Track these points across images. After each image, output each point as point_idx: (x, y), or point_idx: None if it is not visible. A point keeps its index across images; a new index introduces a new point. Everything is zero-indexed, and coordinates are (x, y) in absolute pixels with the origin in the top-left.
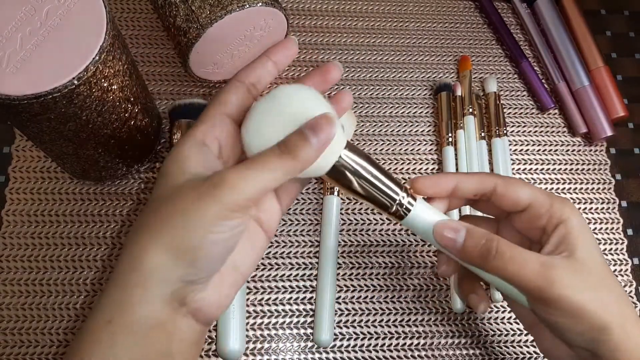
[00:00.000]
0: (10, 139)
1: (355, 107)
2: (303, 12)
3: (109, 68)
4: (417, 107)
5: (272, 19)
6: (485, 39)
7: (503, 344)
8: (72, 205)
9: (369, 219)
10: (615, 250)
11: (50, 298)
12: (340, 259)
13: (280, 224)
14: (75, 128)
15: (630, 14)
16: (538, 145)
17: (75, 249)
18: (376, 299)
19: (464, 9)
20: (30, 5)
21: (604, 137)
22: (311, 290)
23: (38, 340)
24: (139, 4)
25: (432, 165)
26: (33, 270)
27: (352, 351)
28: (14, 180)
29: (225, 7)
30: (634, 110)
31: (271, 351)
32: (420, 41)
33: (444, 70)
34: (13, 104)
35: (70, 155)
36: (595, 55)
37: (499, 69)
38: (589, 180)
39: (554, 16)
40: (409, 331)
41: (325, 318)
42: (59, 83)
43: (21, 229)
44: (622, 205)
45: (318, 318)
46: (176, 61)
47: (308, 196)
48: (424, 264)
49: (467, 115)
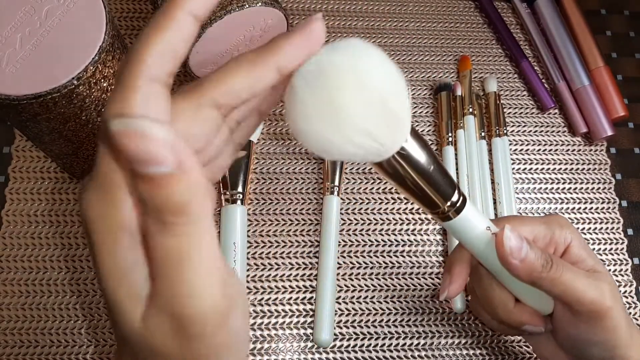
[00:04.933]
0: (10, 139)
1: None
2: (303, 12)
3: (109, 68)
4: (417, 107)
5: (272, 19)
6: (485, 39)
7: (503, 344)
8: (72, 205)
9: (369, 219)
10: (615, 250)
11: (50, 298)
12: (340, 259)
13: (280, 224)
14: (75, 128)
15: (630, 14)
16: (538, 145)
17: (75, 249)
18: (376, 299)
19: (464, 9)
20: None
21: (604, 137)
22: (311, 290)
23: (38, 341)
24: (139, 4)
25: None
26: (33, 270)
27: (352, 351)
28: (14, 180)
29: (225, 7)
30: (634, 110)
31: (271, 351)
32: (420, 41)
33: (444, 70)
34: (13, 104)
35: (70, 155)
36: (596, 55)
37: (499, 69)
38: (589, 180)
39: (554, 16)
40: (409, 331)
41: (325, 318)
42: (58, 83)
43: (21, 229)
44: (622, 205)
45: (318, 318)
46: None
47: (308, 196)
48: (424, 264)
49: (467, 115)
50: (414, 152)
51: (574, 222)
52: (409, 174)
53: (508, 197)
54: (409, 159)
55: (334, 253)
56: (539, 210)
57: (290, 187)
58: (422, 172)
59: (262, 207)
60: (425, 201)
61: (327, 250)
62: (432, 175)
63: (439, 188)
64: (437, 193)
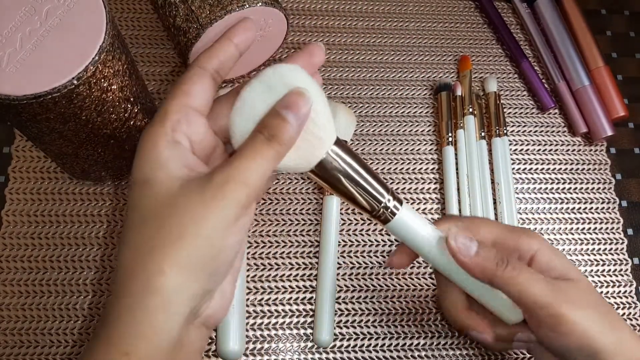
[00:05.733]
0: (10, 139)
1: (355, 107)
2: (303, 12)
3: (109, 68)
4: (417, 107)
5: (272, 19)
6: (485, 39)
7: None
8: (72, 205)
9: (369, 219)
10: (615, 250)
11: (50, 298)
12: (340, 259)
13: (280, 224)
14: (75, 128)
15: (630, 14)
16: (538, 145)
17: (75, 249)
18: (376, 299)
19: (464, 8)
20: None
21: (604, 137)
22: (311, 290)
23: (38, 341)
24: (139, 4)
25: (432, 165)
26: (33, 271)
27: (352, 351)
28: (14, 180)
29: (225, 7)
30: (634, 110)
31: (271, 351)
32: (420, 41)
33: (444, 70)
34: (13, 104)
35: (70, 155)
36: (596, 55)
37: (499, 69)
38: (589, 180)
39: (554, 16)
40: (408, 331)
41: (325, 318)
42: (58, 83)
43: (21, 229)
44: (622, 205)
45: (318, 318)
46: (176, 61)
47: (308, 196)
48: (424, 264)
49: (467, 115)
50: (337, 161)
51: (574, 222)
52: (336, 180)
53: (508, 197)
54: (333, 166)
55: (334, 253)
56: (539, 210)
57: (290, 187)
58: (349, 177)
59: (262, 207)
60: (361, 206)
61: (327, 250)
62: (359, 180)
63: (368, 192)
64: (368, 196)
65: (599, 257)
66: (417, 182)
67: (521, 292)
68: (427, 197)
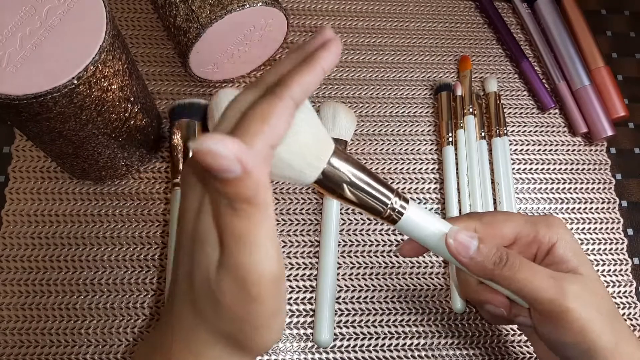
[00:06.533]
0: (10, 138)
1: (355, 107)
2: (303, 12)
3: (109, 68)
4: (417, 107)
5: (272, 19)
6: (485, 39)
7: (503, 344)
8: (72, 205)
9: (369, 219)
10: (615, 250)
11: (50, 298)
12: (340, 259)
13: (280, 224)
14: (75, 128)
15: (630, 14)
16: (538, 145)
17: (75, 249)
18: (376, 299)
19: (464, 9)
20: (30, 5)
21: (604, 137)
22: (311, 290)
23: (38, 341)
24: (139, 4)
25: (432, 165)
26: (33, 270)
27: (352, 351)
28: (14, 180)
29: (225, 7)
30: (635, 110)
31: (271, 351)
32: (420, 41)
33: (444, 70)
34: (13, 104)
35: (70, 155)
36: (596, 55)
37: (499, 69)
38: (589, 180)
39: (554, 16)
40: (409, 331)
41: (325, 318)
42: (58, 83)
43: (21, 229)
44: (622, 205)
45: (318, 318)
46: (176, 61)
47: (308, 196)
48: (424, 263)
49: (468, 115)
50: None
51: (574, 222)
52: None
53: (508, 197)
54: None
55: (334, 253)
56: (539, 210)
57: (290, 187)
58: (352, 185)
59: None
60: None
61: (327, 250)
62: (362, 185)
63: (373, 195)
64: (374, 200)
65: (599, 257)
66: (417, 182)
67: (522, 288)
68: (427, 197)
